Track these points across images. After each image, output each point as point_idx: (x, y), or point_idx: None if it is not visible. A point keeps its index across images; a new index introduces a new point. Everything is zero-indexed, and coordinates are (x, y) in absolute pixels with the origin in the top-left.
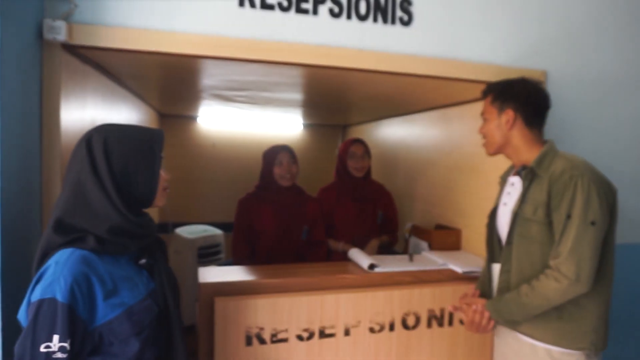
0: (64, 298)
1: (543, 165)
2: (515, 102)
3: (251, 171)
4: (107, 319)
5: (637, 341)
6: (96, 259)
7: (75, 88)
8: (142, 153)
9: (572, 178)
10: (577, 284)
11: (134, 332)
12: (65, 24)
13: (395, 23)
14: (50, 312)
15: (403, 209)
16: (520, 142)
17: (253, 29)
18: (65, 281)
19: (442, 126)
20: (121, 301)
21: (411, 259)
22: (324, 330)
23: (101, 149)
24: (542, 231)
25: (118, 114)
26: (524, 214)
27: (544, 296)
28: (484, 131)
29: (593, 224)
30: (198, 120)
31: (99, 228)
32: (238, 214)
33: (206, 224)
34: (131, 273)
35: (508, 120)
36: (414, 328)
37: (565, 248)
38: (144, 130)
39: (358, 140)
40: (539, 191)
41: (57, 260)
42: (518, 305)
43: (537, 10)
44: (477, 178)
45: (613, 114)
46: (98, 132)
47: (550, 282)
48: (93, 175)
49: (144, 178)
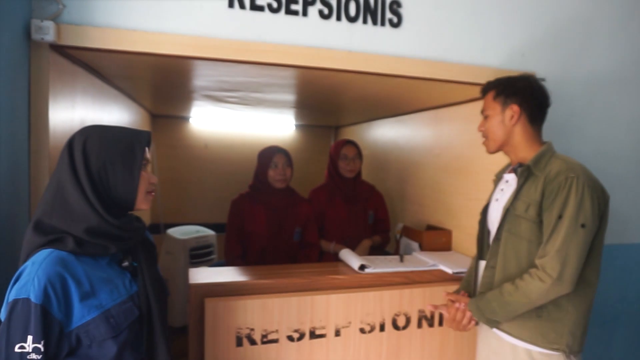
0: (38, 299)
1: (540, 165)
2: (520, 97)
3: (243, 172)
4: (83, 320)
5: (622, 340)
6: (74, 260)
7: (64, 89)
8: (121, 154)
9: (568, 179)
10: (559, 284)
11: (110, 335)
12: (53, 25)
13: (385, 25)
14: (24, 313)
15: (394, 209)
16: (522, 139)
17: (242, 30)
18: (39, 281)
19: (433, 127)
20: (98, 303)
21: (402, 259)
22: (314, 330)
23: (80, 149)
24: (531, 229)
25: (109, 114)
26: (515, 210)
27: (527, 296)
28: (485, 128)
29: (583, 227)
30: (190, 120)
31: (77, 229)
32: (230, 215)
33: (198, 224)
34: (112, 275)
35: (513, 116)
36: (404, 328)
37: (553, 247)
38: (127, 131)
39: (350, 141)
40: (533, 189)
41: (34, 260)
42: (500, 304)
43: (525, 13)
44: (467, 179)
45: (602, 115)
46: (80, 133)
47: (534, 282)
48: (71, 176)
49: (122, 180)
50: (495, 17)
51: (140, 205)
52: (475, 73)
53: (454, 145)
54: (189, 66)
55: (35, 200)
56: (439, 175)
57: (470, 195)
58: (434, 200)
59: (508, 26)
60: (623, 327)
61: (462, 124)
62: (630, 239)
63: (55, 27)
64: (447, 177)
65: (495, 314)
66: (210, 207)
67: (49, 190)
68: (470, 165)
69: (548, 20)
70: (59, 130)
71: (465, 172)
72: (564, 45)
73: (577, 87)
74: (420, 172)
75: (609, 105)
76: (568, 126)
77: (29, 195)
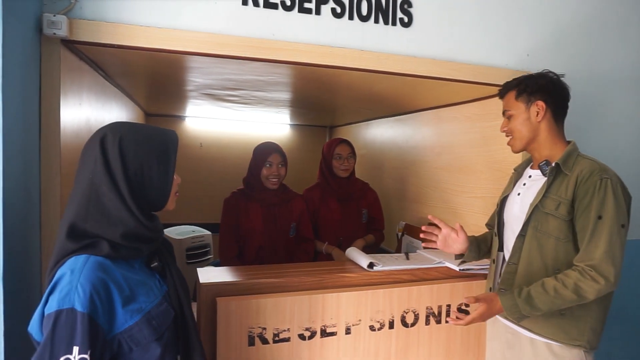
0: (84, 307)
1: (568, 164)
2: (544, 93)
3: (238, 171)
4: (126, 325)
5: (623, 337)
6: (111, 264)
7: (72, 86)
8: (158, 155)
9: (603, 180)
10: (612, 285)
11: (154, 338)
12: (66, 19)
13: (396, 24)
14: (70, 323)
15: (393, 208)
16: (548, 136)
17: (256, 28)
18: (83, 290)
19: (434, 127)
20: (139, 307)
21: (407, 257)
22: (325, 329)
23: (116, 149)
24: (560, 227)
25: (109, 112)
26: (544, 208)
27: (578, 293)
28: (510, 128)
29: (623, 227)
30: (186, 120)
31: (113, 233)
32: (224, 214)
33: (194, 224)
34: (144, 277)
35: (538, 112)
36: (413, 325)
37: (599, 249)
38: (160, 132)
39: (343, 140)
40: (563, 188)
41: (72, 268)
42: (544, 301)
43: (530, 14)
44: (469, 177)
45: (605, 115)
46: (112, 131)
47: (587, 281)
48: (107, 178)
49: (159, 181)
50: (501, 18)
51: (170, 206)
52: (483, 73)
53: (456, 144)
54: (198, 63)
55: (46, 198)
56: (441, 174)
57: (472, 193)
58: (435, 199)
59: (514, 27)
60: (621, 323)
61: (464, 124)
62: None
63: (68, 22)
64: (448, 175)
65: (535, 310)
66: (206, 207)
67: (80, 191)
68: (473, 164)
69: (552, 21)
70: (69, 128)
71: (467, 171)
72: (568, 46)
73: (580, 86)
74: (421, 171)
75: (612, 105)
76: (571, 125)
77: (40, 193)
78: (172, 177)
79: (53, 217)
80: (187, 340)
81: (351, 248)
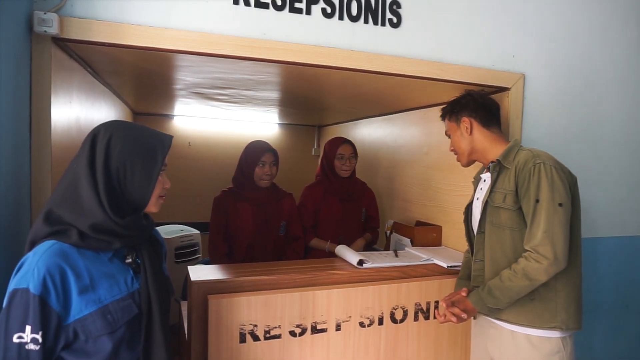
0: (36, 289)
1: (508, 158)
2: (467, 110)
3: (227, 171)
4: (81, 314)
5: (604, 329)
6: (75, 252)
7: (63, 84)
8: (143, 156)
9: (536, 165)
10: (556, 262)
11: (106, 331)
12: (57, 17)
13: (385, 24)
14: (23, 303)
15: (382, 206)
16: (485, 143)
17: (247, 27)
18: (38, 272)
19: (422, 126)
20: (97, 298)
21: (396, 254)
22: (316, 325)
23: (103, 145)
24: (511, 217)
25: (98, 111)
26: (494, 202)
27: (527, 277)
28: (452, 146)
29: (560, 205)
30: (174, 119)
31: (83, 223)
32: (214, 213)
33: (182, 223)
34: (113, 270)
35: (467, 127)
36: (402, 322)
37: (539, 230)
38: (151, 133)
39: (346, 141)
40: (507, 181)
41: (36, 251)
42: (502, 291)
43: (515, 17)
44: (456, 176)
45: (585, 114)
46: (106, 128)
47: (531, 263)
48: (88, 170)
49: (140, 182)
50: (488, 20)
51: (150, 208)
52: (469, 73)
53: (444, 143)
54: (189, 62)
55: (36, 196)
56: (428, 173)
57: (459, 191)
58: (423, 197)
59: (500, 28)
60: (603, 317)
61: None
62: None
63: (59, 20)
64: (436, 174)
65: (498, 301)
66: (194, 206)
67: (64, 180)
68: (458, 163)
69: (537, 23)
70: (59, 127)
71: (454, 169)
72: (552, 47)
73: (561, 87)
74: (409, 170)
75: (593, 104)
76: (554, 124)
77: (30, 192)
78: (156, 180)
79: None
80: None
81: (341, 246)
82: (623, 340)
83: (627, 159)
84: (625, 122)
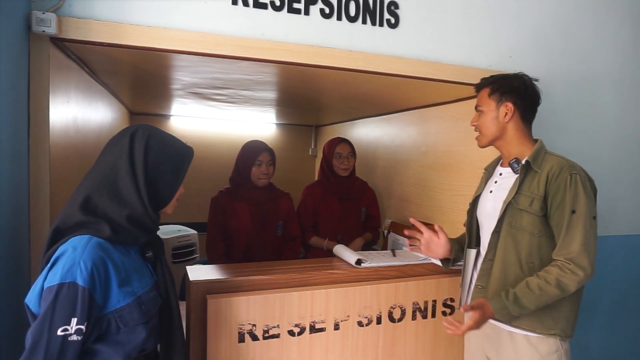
0: (85, 282)
1: (537, 161)
2: (515, 96)
3: (224, 171)
4: (119, 305)
5: (600, 328)
6: (111, 247)
7: (61, 84)
8: (174, 161)
9: (572, 176)
10: (590, 275)
11: (141, 321)
12: (55, 17)
13: (383, 25)
14: (71, 296)
15: (380, 206)
16: (515, 136)
17: (246, 27)
18: (85, 266)
19: (419, 126)
20: (132, 290)
21: (394, 254)
22: (314, 325)
23: (143, 143)
24: (534, 222)
25: (96, 111)
26: (518, 205)
27: (560, 287)
28: (479, 123)
29: (594, 219)
30: (171, 119)
31: (120, 214)
32: (212, 213)
33: (179, 224)
34: (139, 265)
35: (507, 113)
36: (400, 321)
37: (576, 242)
38: (181, 144)
39: (344, 140)
40: (535, 184)
41: (75, 245)
42: (531, 300)
43: (513, 17)
44: (454, 176)
45: (582, 114)
46: (143, 129)
47: (567, 274)
48: (128, 164)
49: (169, 182)
50: (485, 21)
51: (168, 209)
52: (467, 73)
53: (441, 143)
54: (188, 62)
55: (34, 195)
56: (426, 172)
57: (457, 191)
58: (420, 196)
59: (497, 29)
60: (600, 315)
61: (449, 123)
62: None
63: (57, 20)
64: (434, 173)
65: (524, 310)
66: (191, 206)
67: (101, 172)
68: (457, 162)
69: (533, 24)
70: (57, 127)
71: (452, 169)
72: (548, 48)
73: (559, 87)
74: (406, 170)
75: (588, 104)
76: (550, 124)
77: (29, 192)
78: (181, 182)
79: (42, 216)
80: (170, 329)
81: (339, 245)
82: (619, 339)
83: (621, 158)
84: (620, 121)
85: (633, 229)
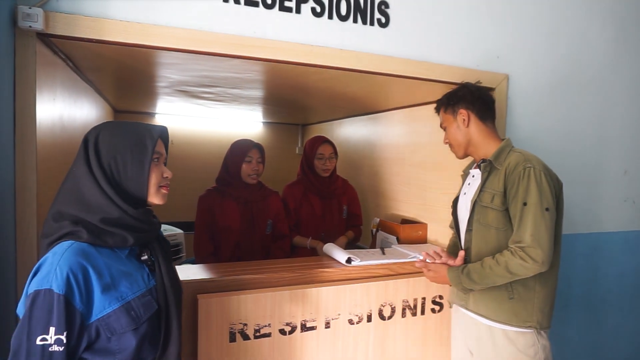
0: (60, 289)
1: (500, 159)
2: (464, 102)
3: (211, 169)
4: (104, 312)
5: (580, 322)
6: (94, 251)
7: (47, 80)
8: (134, 147)
9: (526, 169)
10: (541, 266)
11: (131, 327)
12: (42, 12)
13: (374, 24)
14: (47, 304)
15: (367, 205)
16: (479, 137)
17: (237, 25)
18: (61, 272)
19: (407, 125)
20: (119, 295)
21: (383, 252)
22: (305, 323)
23: (93, 142)
24: (498, 218)
25: (80, 109)
26: (482, 202)
27: (508, 270)
28: (448, 138)
29: (547, 210)
30: (156, 117)
31: (93, 219)
32: (200, 212)
33: (165, 223)
34: (130, 268)
35: (464, 119)
36: (390, 318)
37: (526, 232)
38: (140, 126)
39: (326, 140)
40: (496, 181)
41: (55, 251)
42: (481, 276)
43: (499, 19)
44: (442, 174)
45: (564, 114)
46: (96, 128)
47: (516, 259)
48: (85, 168)
49: (132, 172)
50: (473, 22)
51: (152, 199)
52: (455, 73)
53: (429, 142)
54: (176, 59)
55: (20, 194)
56: (414, 171)
57: (445, 189)
58: (409, 195)
59: (484, 30)
60: (576, 310)
61: (437, 122)
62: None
63: (44, 15)
64: (422, 172)
65: (474, 284)
66: (177, 206)
67: (66, 182)
68: (446, 161)
69: (520, 26)
70: (44, 124)
71: (440, 168)
72: (534, 49)
73: (543, 87)
74: (394, 168)
75: (573, 104)
76: (536, 124)
77: (14, 191)
78: (149, 168)
79: (29, 216)
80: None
81: (329, 244)
82: (598, 332)
83: (604, 156)
84: (602, 120)
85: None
